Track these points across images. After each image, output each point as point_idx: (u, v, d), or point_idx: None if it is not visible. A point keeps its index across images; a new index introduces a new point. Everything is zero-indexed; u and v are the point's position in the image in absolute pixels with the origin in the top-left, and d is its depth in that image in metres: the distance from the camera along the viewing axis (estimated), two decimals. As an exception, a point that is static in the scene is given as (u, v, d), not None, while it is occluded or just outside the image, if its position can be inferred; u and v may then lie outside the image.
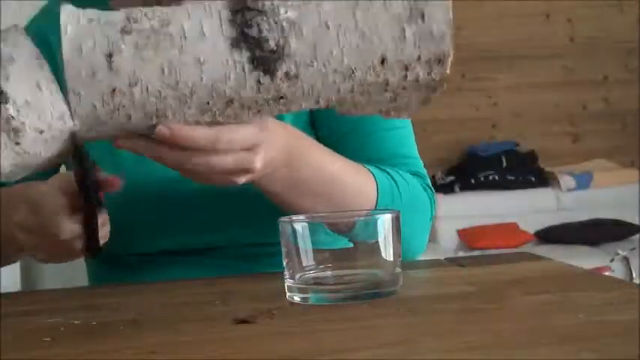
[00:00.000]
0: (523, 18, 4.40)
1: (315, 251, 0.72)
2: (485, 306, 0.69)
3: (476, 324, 0.62)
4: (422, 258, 1.01)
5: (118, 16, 0.64)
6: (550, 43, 4.42)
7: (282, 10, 0.65)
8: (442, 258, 0.98)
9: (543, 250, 3.61)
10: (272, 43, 0.64)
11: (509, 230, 3.91)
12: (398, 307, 0.69)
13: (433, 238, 4.06)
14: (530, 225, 3.95)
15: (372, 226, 0.73)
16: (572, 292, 0.73)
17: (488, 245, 3.72)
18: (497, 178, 4.13)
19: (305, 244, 0.72)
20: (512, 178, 4.13)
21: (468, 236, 3.90)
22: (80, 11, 0.64)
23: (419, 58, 0.67)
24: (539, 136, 4.40)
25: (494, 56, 4.40)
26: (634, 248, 3.56)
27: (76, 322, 0.70)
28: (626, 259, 3.46)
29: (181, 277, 0.92)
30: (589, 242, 3.83)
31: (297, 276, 0.72)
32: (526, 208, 4.04)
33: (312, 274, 0.73)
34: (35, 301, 0.83)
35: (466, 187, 4.11)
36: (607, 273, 3.12)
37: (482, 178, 4.13)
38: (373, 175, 0.94)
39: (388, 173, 0.96)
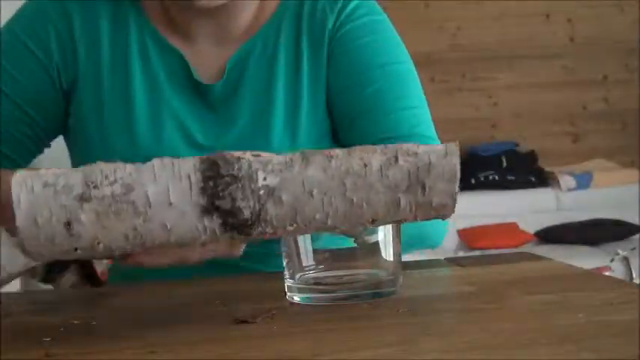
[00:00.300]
0: (523, 18, 4.40)
1: (315, 251, 0.72)
2: (485, 306, 0.69)
3: (476, 324, 0.62)
4: (422, 258, 1.01)
5: (75, 178, 0.58)
6: (550, 43, 4.42)
7: (260, 177, 0.59)
8: (442, 258, 0.98)
9: (543, 250, 3.61)
10: (246, 213, 0.59)
11: (509, 230, 3.92)
12: (398, 307, 0.69)
13: (433, 238, 4.05)
14: (530, 225, 3.96)
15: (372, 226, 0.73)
16: (572, 292, 0.73)
17: (488, 245, 3.72)
18: (497, 178, 4.13)
19: (305, 245, 0.72)
20: (512, 178, 4.13)
21: (468, 236, 3.90)
22: (33, 176, 0.58)
23: (415, 218, 0.64)
24: (539, 136, 4.40)
25: (494, 56, 4.40)
26: (634, 248, 3.56)
27: (76, 322, 0.70)
28: (626, 259, 3.46)
29: (181, 277, 0.92)
30: (589, 242, 3.83)
31: (297, 276, 0.72)
32: (526, 208, 4.04)
33: (312, 274, 0.72)
34: (35, 301, 0.83)
35: (466, 187, 4.11)
36: (607, 273, 3.12)
37: (482, 178, 4.13)
38: None
39: None
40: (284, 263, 0.74)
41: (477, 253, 3.62)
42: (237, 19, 1.01)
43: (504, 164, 4.16)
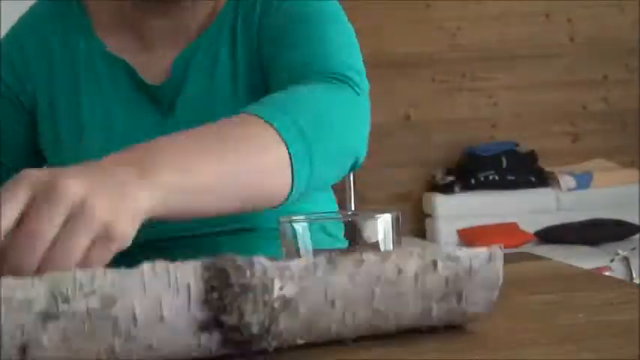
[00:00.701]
0: (523, 18, 4.40)
1: (316, 252, 0.71)
2: (485, 306, 0.69)
3: (476, 324, 0.62)
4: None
5: (40, 289, 0.46)
6: (550, 43, 4.42)
7: (276, 286, 0.50)
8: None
9: (543, 250, 3.61)
10: (255, 329, 0.50)
11: (509, 230, 3.92)
12: (398, 307, 0.69)
13: (433, 238, 4.06)
14: (530, 225, 3.96)
15: (372, 226, 0.72)
16: (572, 292, 0.73)
17: (488, 245, 3.72)
18: (497, 178, 4.13)
19: (305, 245, 0.71)
20: (512, 178, 4.13)
21: (468, 236, 3.90)
22: None
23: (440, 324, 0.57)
24: (539, 136, 4.40)
25: (494, 56, 4.40)
26: (634, 248, 3.56)
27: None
28: (626, 259, 3.46)
29: None
30: (589, 242, 3.83)
31: None
32: (526, 208, 4.04)
33: None
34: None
35: (466, 187, 4.12)
36: (607, 273, 3.12)
37: (482, 178, 4.13)
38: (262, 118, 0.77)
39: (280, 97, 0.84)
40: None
41: (476, 253, 3.61)
42: (190, 19, 1.02)
43: (504, 164, 4.16)
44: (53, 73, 1.03)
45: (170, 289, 0.48)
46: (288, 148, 0.76)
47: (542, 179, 4.18)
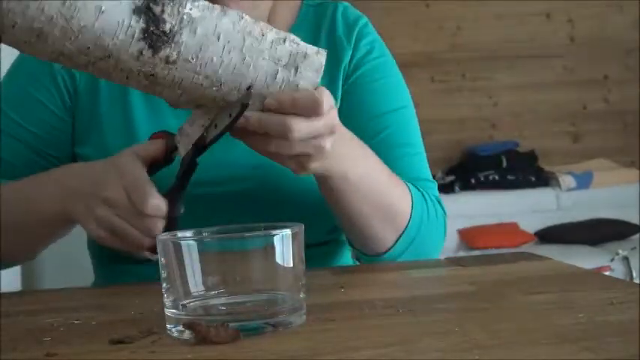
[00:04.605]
0: (523, 18, 4.40)
1: (205, 274, 0.62)
2: (485, 306, 0.69)
3: (476, 324, 0.62)
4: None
5: None
6: (550, 43, 4.42)
7: (188, 5, 0.70)
8: (442, 258, 0.99)
9: (543, 250, 3.61)
10: (167, 27, 0.69)
11: (509, 230, 3.92)
12: (398, 307, 0.69)
13: (433, 238, 4.05)
14: (530, 225, 3.96)
15: (269, 244, 0.63)
16: (572, 292, 0.73)
17: (488, 245, 3.72)
18: (497, 178, 4.13)
19: (193, 266, 0.62)
20: (512, 178, 4.13)
21: (468, 236, 3.90)
22: None
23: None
24: (539, 136, 4.40)
25: (495, 56, 4.40)
26: (634, 248, 3.56)
27: (76, 322, 0.70)
28: (626, 259, 3.46)
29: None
30: (589, 242, 3.83)
31: (181, 305, 0.63)
32: (526, 208, 4.04)
33: (199, 302, 0.63)
34: (35, 301, 0.83)
35: (466, 187, 4.12)
36: (607, 273, 3.12)
37: (482, 178, 4.13)
38: (409, 187, 0.98)
39: (419, 190, 1.01)
40: (163, 288, 0.64)
41: (477, 253, 3.62)
42: None
43: (504, 164, 4.16)
44: (99, 86, 1.04)
45: None
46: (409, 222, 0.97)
47: (542, 179, 4.18)
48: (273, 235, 0.63)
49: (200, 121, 0.78)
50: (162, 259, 0.64)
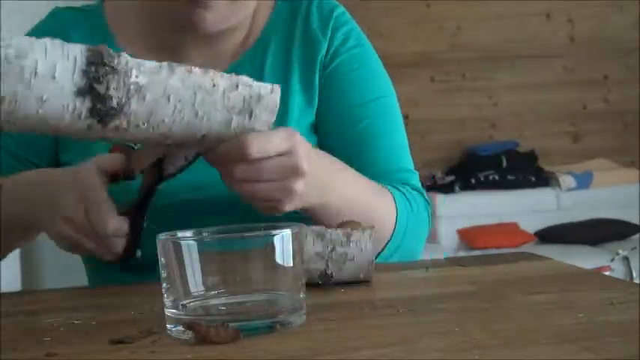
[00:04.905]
0: (523, 18, 4.40)
1: (205, 274, 0.62)
2: (485, 306, 0.69)
3: (476, 324, 0.62)
4: (422, 258, 1.01)
5: None
6: (550, 43, 4.42)
7: (134, 74, 0.68)
8: (442, 258, 0.98)
9: (543, 250, 3.61)
10: (114, 101, 0.67)
11: (509, 230, 3.92)
12: (398, 307, 0.69)
13: (433, 238, 4.06)
14: (530, 225, 3.96)
15: (269, 244, 0.63)
16: (572, 292, 0.73)
17: (488, 245, 3.72)
18: (497, 178, 4.13)
19: (193, 266, 0.62)
20: (513, 178, 4.13)
21: (468, 236, 3.90)
22: None
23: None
24: (539, 136, 4.41)
25: (494, 56, 4.41)
26: (634, 248, 3.56)
27: (76, 322, 0.70)
28: (626, 259, 3.46)
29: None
30: (589, 242, 3.83)
31: (181, 305, 0.63)
32: (526, 208, 4.04)
33: (199, 302, 0.63)
34: (35, 301, 0.83)
35: (466, 187, 4.12)
36: (607, 273, 3.12)
37: (482, 178, 4.13)
38: (392, 193, 0.98)
39: (400, 191, 1.01)
40: (163, 288, 0.64)
41: (477, 253, 3.62)
42: (228, 42, 1.03)
43: (504, 164, 4.17)
44: None
45: (63, 57, 0.65)
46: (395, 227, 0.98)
47: (543, 179, 4.19)
48: (273, 235, 0.62)
49: (155, 153, 0.80)
50: (162, 259, 0.63)
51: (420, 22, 4.34)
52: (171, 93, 0.70)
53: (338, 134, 1.05)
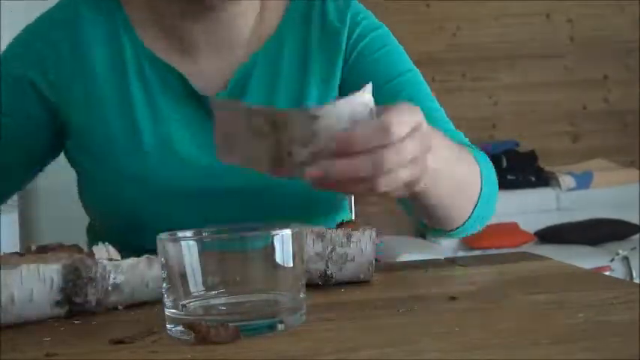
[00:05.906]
0: (523, 18, 4.40)
1: (205, 274, 0.62)
2: (485, 306, 0.69)
3: (476, 324, 0.62)
4: (422, 258, 1.01)
5: None
6: (550, 43, 4.42)
7: (111, 277, 0.73)
8: (442, 258, 0.99)
9: (543, 250, 3.60)
10: (93, 303, 0.72)
11: (509, 230, 3.91)
12: (398, 307, 0.69)
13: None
14: (530, 225, 3.95)
15: (269, 244, 0.62)
16: (572, 292, 0.73)
17: (488, 245, 3.72)
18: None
19: (193, 266, 0.62)
20: (512, 178, 4.13)
21: (469, 236, 3.90)
22: None
23: None
24: (539, 136, 4.40)
25: (494, 56, 4.40)
26: (634, 248, 3.56)
27: (76, 322, 0.70)
28: (626, 259, 3.46)
29: None
30: (589, 242, 3.83)
31: (181, 305, 0.63)
32: (526, 208, 4.04)
33: (199, 302, 0.63)
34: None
35: (466, 187, 4.11)
36: (607, 273, 3.12)
37: (482, 178, 4.13)
38: (472, 153, 0.95)
39: (473, 148, 1.01)
40: (163, 288, 0.64)
41: (477, 253, 3.62)
42: (232, 27, 1.02)
43: (504, 164, 4.16)
44: (96, 77, 1.01)
45: (39, 281, 0.69)
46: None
47: (542, 179, 4.18)
48: (273, 235, 0.62)
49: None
50: (163, 259, 0.63)
51: (420, 22, 4.34)
52: (149, 280, 0.75)
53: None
